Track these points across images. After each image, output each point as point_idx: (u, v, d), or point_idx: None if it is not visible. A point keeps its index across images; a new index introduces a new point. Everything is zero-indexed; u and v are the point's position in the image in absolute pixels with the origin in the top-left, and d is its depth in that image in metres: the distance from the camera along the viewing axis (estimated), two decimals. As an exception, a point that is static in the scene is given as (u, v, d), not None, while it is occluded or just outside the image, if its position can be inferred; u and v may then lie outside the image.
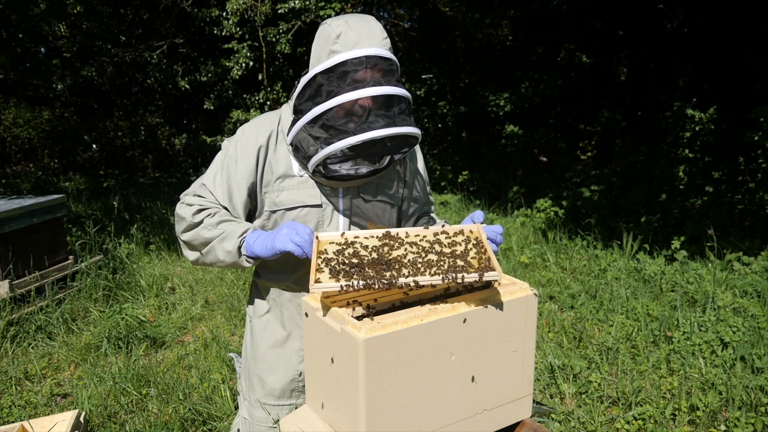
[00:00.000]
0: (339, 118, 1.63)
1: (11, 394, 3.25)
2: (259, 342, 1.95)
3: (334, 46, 1.64)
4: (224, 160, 1.83)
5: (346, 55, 1.61)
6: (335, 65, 1.62)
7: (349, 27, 1.65)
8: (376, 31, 1.67)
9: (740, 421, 2.69)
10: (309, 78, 1.67)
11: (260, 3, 8.32)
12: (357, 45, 1.63)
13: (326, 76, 1.63)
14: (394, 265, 1.48)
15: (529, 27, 10.77)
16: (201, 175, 1.91)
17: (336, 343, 1.36)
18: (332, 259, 1.52)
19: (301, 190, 1.79)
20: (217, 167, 1.84)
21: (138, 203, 9.09)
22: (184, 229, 1.80)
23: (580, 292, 4.48)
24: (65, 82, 12.67)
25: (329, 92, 1.62)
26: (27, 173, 13.42)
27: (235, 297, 4.62)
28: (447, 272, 1.42)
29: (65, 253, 4.80)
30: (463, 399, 1.45)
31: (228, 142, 1.86)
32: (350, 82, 1.60)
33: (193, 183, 1.89)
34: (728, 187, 7.12)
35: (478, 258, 1.51)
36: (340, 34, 1.64)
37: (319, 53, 1.70)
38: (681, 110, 8.06)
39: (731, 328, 3.50)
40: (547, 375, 3.24)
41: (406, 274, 1.44)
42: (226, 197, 1.81)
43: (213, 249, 1.75)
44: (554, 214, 7.45)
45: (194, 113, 14.61)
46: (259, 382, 1.95)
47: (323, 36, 1.69)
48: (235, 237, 1.72)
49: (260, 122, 1.85)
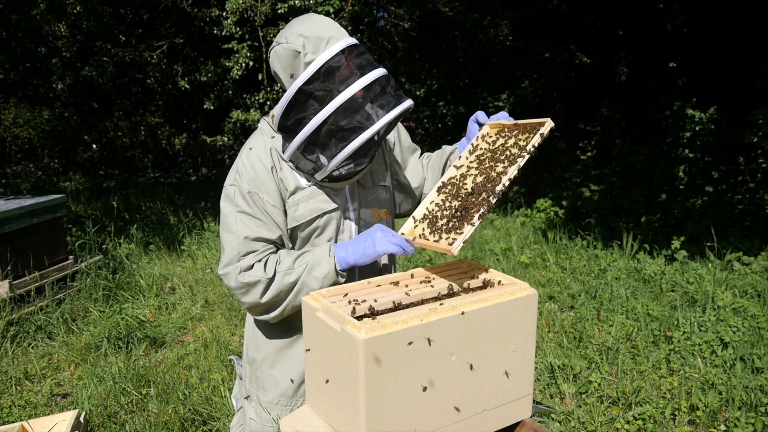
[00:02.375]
0: (342, 119, 1.62)
1: (11, 394, 3.25)
2: (270, 342, 1.95)
3: (307, 57, 1.62)
4: (247, 201, 1.76)
5: (322, 57, 1.60)
6: (317, 71, 1.60)
7: (307, 32, 1.63)
8: (329, 23, 1.68)
9: (740, 421, 2.69)
10: (293, 93, 1.63)
11: (260, 3, 8.32)
12: (327, 44, 1.62)
13: (312, 85, 1.61)
14: (483, 187, 1.66)
15: (529, 27, 10.76)
16: (223, 237, 1.79)
17: (336, 343, 1.36)
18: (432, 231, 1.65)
19: (314, 199, 1.80)
20: (242, 209, 1.76)
21: (138, 203, 9.09)
22: (262, 291, 1.74)
23: (580, 292, 4.48)
24: (65, 82, 12.67)
25: (322, 98, 1.60)
26: (27, 173, 13.42)
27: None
28: (523, 150, 1.67)
29: (65, 253, 4.80)
30: (463, 399, 1.45)
31: (235, 184, 1.77)
32: (339, 81, 1.60)
33: (225, 248, 1.78)
34: (728, 187, 7.12)
35: (524, 137, 1.74)
36: (304, 43, 1.63)
37: (291, 70, 1.66)
38: (681, 110, 8.06)
39: (731, 328, 3.50)
40: (547, 375, 3.24)
41: (494, 182, 1.65)
42: (275, 229, 1.78)
43: (303, 285, 1.73)
44: (554, 214, 7.45)
45: (194, 113, 14.60)
46: (272, 382, 1.94)
47: (285, 55, 1.66)
48: (324, 260, 1.73)
49: (255, 147, 1.79)
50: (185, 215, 7.62)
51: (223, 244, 1.80)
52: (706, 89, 8.76)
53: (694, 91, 8.80)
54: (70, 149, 14.65)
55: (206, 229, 7.03)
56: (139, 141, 15.18)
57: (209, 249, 6.10)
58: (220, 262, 1.80)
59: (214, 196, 9.94)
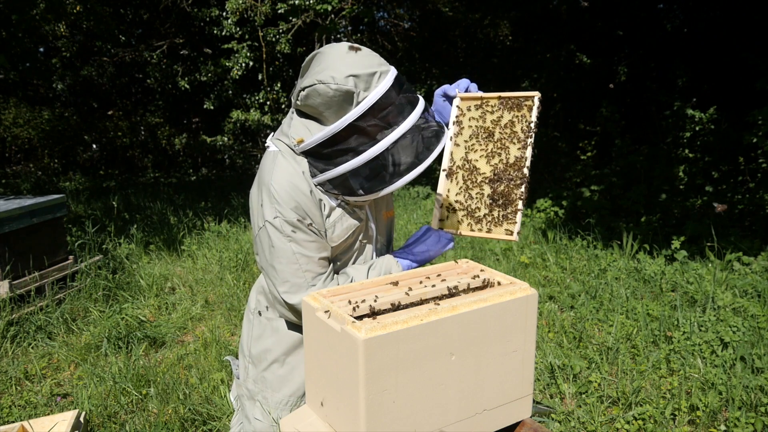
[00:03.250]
0: (400, 148, 1.65)
1: (11, 394, 3.25)
2: (281, 342, 1.95)
3: (360, 96, 1.63)
4: (298, 228, 1.75)
5: (375, 94, 1.62)
6: (370, 108, 1.62)
7: (356, 70, 1.63)
8: (369, 55, 1.69)
9: (740, 421, 2.69)
10: (342, 127, 1.63)
11: (260, 3, 8.32)
12: (378, 78, 1.64)
13: (363, 120, 1.63)
14: (504, 176, 1.81)
15: (529, 27, 10.77)
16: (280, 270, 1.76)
17: (336, 343, 1.36)
18: (475, 221, 1.83)
19: (345, 217, 1.84)
20: (296, 240, 1.75)
21: (138, 203, 9.09)
22: None
23: (580, 292, 4.48)
24: (65, 82, 12.67)
25: (373, 132, 1.63)
26: (27, 173, 13.41)
27: (235, 297, 4.62)
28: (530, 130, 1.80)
29: (65, 253, 4.80)
30: (463, 399, 1.45)
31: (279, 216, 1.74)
32: (395, 115, 1.64)
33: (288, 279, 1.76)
34: (728, 187, 7.13)
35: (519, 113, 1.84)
36: (356, 83, 1.62)
37: (338, 108, 1.65)
38: (681, 110, 8.06)
39: (731, 328, 3.50)
40: (547, 375, 3.24)
41: (517, 167, 1.78)
42: (329, 249, 1.83)
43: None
44: (554, 214, 7.45)
45: (194, 113, 14.60)
46: (283, 382, 1.94)
47: (334, 95, 1.63)
48: (393, 268, 1.90)
49: (286, 173, 1.76)
50: (185, 215, 7.62)
51: (278, 276, 1.76)
52: (706, 89, 8.77)
53: (694, 91, 8.80)
54: (70, 149, 14.65)
55: (206, 229, 7.03)
56: (139, 141, 15.17)
57: (209, 249, 6.10)
58: (287, 296, 1.77)
59: (214, 196, 9.94)
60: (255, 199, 1.81)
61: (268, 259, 1.78)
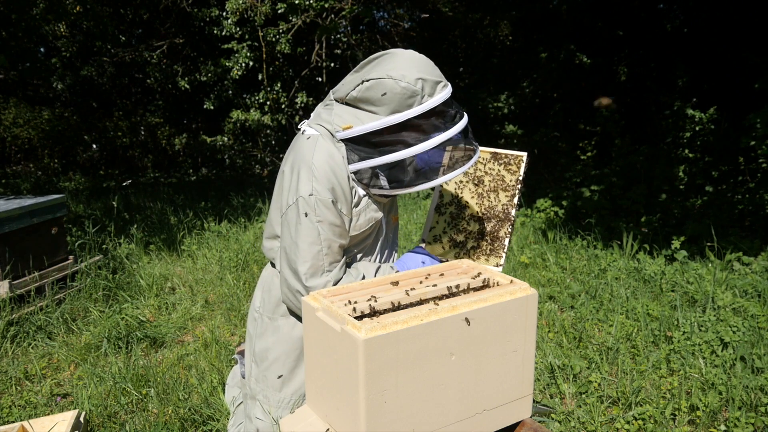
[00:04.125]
0: (434, 160, 1.86)
1: (11, 394, 3.25)
2: (284, 341, 1.95)
3: (424, 99, 1.79)
4: (329, 210, 1.78)
5: (439, 97, 1.81)
6: (432, 109, 1.79)
7: (425, 75, 1.80)
8: (433, 65, 1.89)
9: (740, 421, 2.69)
10: (401, 120, 1.76)
11: (260, 3, 8.32)
12: (441, 87, 1.83)
13: (421, 119, 1.79)
14: (492, 216, 2.22)
15: (529, 27, 10.77)
16: (302, 247, 1.78)
17: (336, 343, 1.36)
18: (464, 250, 2.20)
19: (369, 208, 1.91)
20: (325, 221, 1.78)
21: (138, 203, 9.09)
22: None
23: (580, 292, 4.48)
24: (65, 82, 12.66)
25: (428, 131, 1.79)
26: (27, 173, 13.41)
27: (235, 297, 4.62)
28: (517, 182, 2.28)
29: (65, 253, 4.80)
30: (463, 399, 1.45)
31: (314, 193, 1.76)
32: (448, 119, 1.85)
33: (307, 259, 1.78)
34: (728, 187, 7.12)
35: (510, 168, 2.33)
36: (423, 86, 1.78)
37: (396, 104, 1.77)
38: (681, 110, 8.06)
39: (731, 328, 3.50)
40: (547, 375, 3.24)
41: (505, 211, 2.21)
42: (347, 237, 1.87)
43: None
44: (554, 214, 7.45)
45: (194, 113, 14.60)
46: (284, 381, 1.95)
47: (400, 92, 1.76)
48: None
49: (329, 153, 1.81)
50: (185, 215, 7.62)
51: (300, 255, 1.77)
52: (706, 89, 8.77)
53: (694, 91, 8.80)
54: (70, 149, 14.64)
55: (206, 229, 7.03)
56: (139, 141, 15.17)
57: (209, 249, 6.10)
58: (300, 272, 1.77)
59: (214, 196, 9.94)
60: (288, 177, 1.83)
61: (293, 236, 1.78)
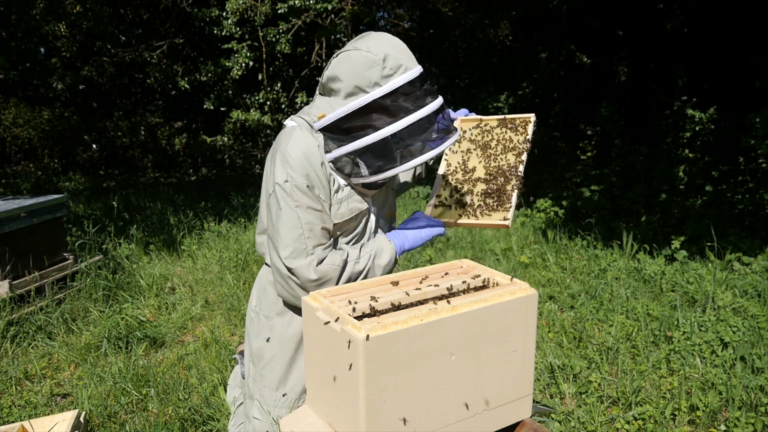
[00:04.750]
0: (414, 133, 1.72)
1: (11, 394, 3.25)
2: (280, 340, 1.95)
3: (386, 70, 1.70)
4: (306, 195, 1.79)
5: (402, 78, 1.71)
6: (394, 90, 1.70)
7: (390, 51, 1.72)
8: (406, 48, 1.80)
9: (740, 421, 2.69)
10: (366, 102, 1.71)
11: (260, 3, 8.32)
12: (407, 68, 1.73)
13: (388, 99, 1.70)
14: (500, 175, 2.03)
15: (529, 27, 10.77)
16: (282, 233, 1.80)
17: (336, 343, 1.36)
18: (467, 209, 2.02)
19: (352, 198, 1.89)
20: (303, 206, 1.79)
21: (138, 203, 9.09)
22: (336, 281, 1.82)
23: (580, 292, 4.48)
24: (65, 82, 12.67)
25: (395, 112, 1.70)
26: (27, 173, 13.41)
27: (235, 297, 4.62)
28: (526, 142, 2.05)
29: (65, 253, 4.80)
30: (463, 399, 1.45)
31: (290, 180, 1.78)
32: (419, 100, 1.72)
33: (288, 244, 1.78)
34: (728, 187, 7.12)
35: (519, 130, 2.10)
36: (386, 57, 1.70)
37: (359, 78, 1.72)
38: (681, 110, 8.06)
39: (731, 328, 3.50)
40: (547, 375, 3.24)
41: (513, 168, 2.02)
42: (330, 221, 1.85)
43: (369, 273, 1.89)
44: (554, 214, 7.45)
45: (194, 113, 14.60)
46: (280, 380, 1.95)
47: (363, 62, 1.71)
48: (386, 248, 1.91)
49: (304, 142, 1.82)
50: (185, 215, 7.62)
51: (281, 240, 1.80)
52: (706, 89, 8.77)
53: (694, 91, 8.80)
54: (70, 149, 14.64)
55: (206, 229, 7.03)
56: (139, 141, 15.17)
57: (209, 249, 6.10)
58: (282, 257, 1.79)
59: (214, 196, 9.93)
60: (268, 167, 1.88)
61: (274, 223, 1.82)
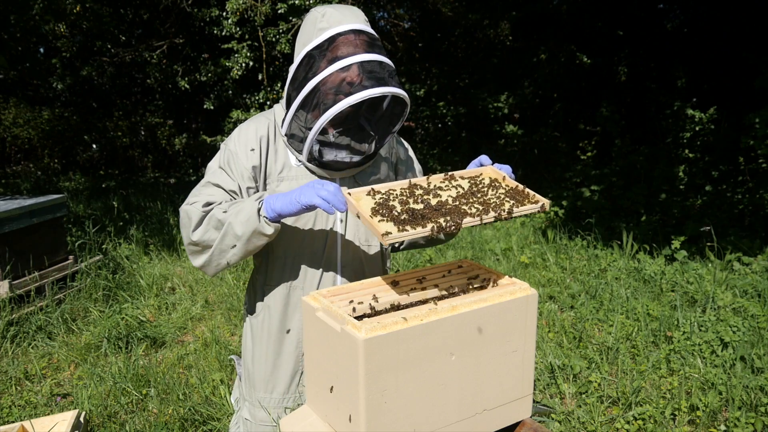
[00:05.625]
0: (331, 91, 1.65)
1: (11, 394, 3.25)
2: (258, 341, 1.96)
3: (321, 24, 1.70)
4: (225, 155, 1.83)
5: (335, 29, 1.68)
6: (325, 39, 1.68)
7: (335, 8, 1.73)
8: (359, 13, 1.77)
9: (740, 421, 2.69)
10: (300, 59, 1.71)
11: (260, 3, 8.32)
12: (342, 22, 1.69)
13: (317, 51, 1.69)
14: (452, 210, 1.54)
15: (529, 27, 10.76)
16: (200, 180, 1.88)
17: (336, 343, 1.36)
18: (379, 211, 1.51)
19: (300, 180, 1.81)
20: (219, 163, 1.84)
21: (138, 203, 9.09)
22: (195, 225, 1.72)
23: (580, 292, 4.48)
24: (65, 82, 12.66)
25: (321, 66, 1.66)
26: (27, 173, 13.40)
27: (235, 297, 4.62)
28: (503, 208, 1.56)
29: (65, 253, 4.80)
30: (463, 399, 1.45)
31: (227, 141, 1.87)
32: (342, 54, 1.66)
33: (193, 189, 1.85)
34: (728, 187, 7.12)
35: (513, 195, 1.64)
36: (326, 13, 1.71)
37: (306, 36, 1.74)
38: (681, 110, 8.06)
39: (731, 328, 3.50)
40: (547, 375, 3.23)
41: (469, 214, 1.53)
42: (235, 186, 1.79)
43: (229, 227, 1.66)
44: (554, 214, 7.45)
45: (194, 113, 14.59)
46: (261, 380, 1.95)
47: (310, 20, 1.75)
48: (251, 202, 1.66)
49: (256, 118, 1.89)
50: (185, 215, 7.61)
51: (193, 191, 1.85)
52: (706, 89, 8.77)
53: (694, 91, 8.80)
54: (70, 149, 14.63)
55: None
56: (139, 141, 15.16)
57: (209, 249, 6.10)
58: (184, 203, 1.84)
59: (214, 196, 9.92)
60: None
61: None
